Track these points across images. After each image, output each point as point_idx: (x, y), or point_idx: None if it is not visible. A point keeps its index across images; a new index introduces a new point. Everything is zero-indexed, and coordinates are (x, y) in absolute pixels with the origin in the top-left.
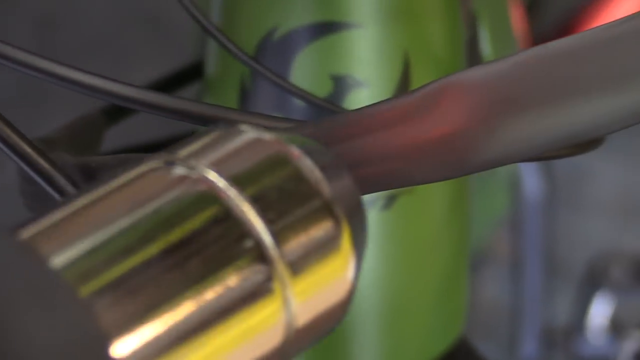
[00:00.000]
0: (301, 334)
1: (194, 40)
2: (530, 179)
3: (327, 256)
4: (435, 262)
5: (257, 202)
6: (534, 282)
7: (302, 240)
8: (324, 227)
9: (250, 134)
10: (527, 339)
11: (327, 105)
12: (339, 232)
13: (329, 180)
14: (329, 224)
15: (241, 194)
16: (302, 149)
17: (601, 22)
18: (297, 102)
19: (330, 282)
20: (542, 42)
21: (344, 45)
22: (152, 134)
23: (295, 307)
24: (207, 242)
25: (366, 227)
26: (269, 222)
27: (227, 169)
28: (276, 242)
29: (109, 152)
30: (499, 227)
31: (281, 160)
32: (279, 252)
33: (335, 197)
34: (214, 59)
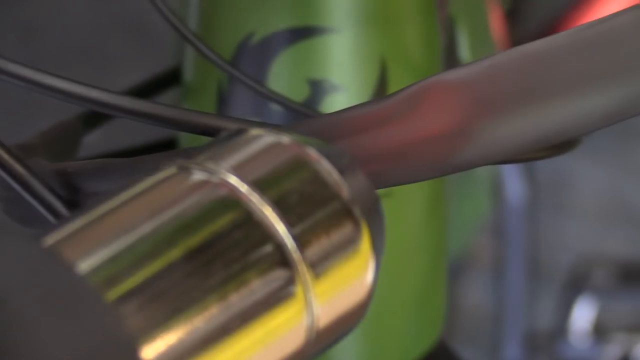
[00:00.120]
0: (322, 336)
1: (175, 46)
2: (512, 183)
3: (348, 257)
4: (413, 266)
5: (278, 206)
6: (517, 286)
7: (323, 242)
8: (344, 229)
9: (268, 138)
10: (510, 343)
11: (303, 109)
12: (358, 233)
13: (347, 182)
14: (349, 225)
15: (262, 198)
16: (320, 152)
17: None
18: (275, 106)
19: (350, 283)
20: None
21: (320, 49)
22: (134, 139)
23: (317, 309)
24: (230, 246)
25: (384, 226)
26: (290, 226)
27: (247, 173)
28: (298, 245)
29: (86, 158)
30: (482, 232)
31: (300, 163)
32: (301, 255)
33: (353, 198)
34: (192, 65)
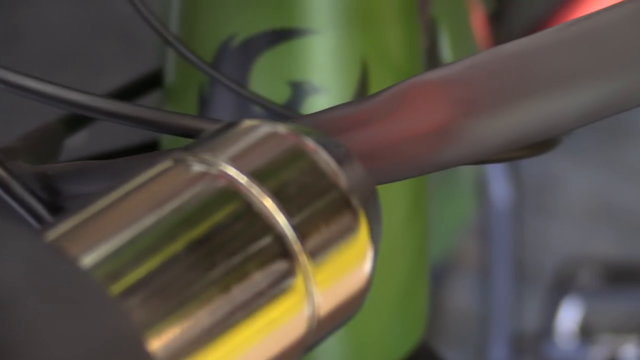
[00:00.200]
0: (323, 324)
1: (159, 49)
2: (497, 185)
3: (347, 247)
4: (395, 267)
5: (277, 196)
6: (503, 288)
7: (323, 232)
8: (342, 218)
9: (265, 128)
10: (496, 345)
11: (285, 111)
12: (357, 222)
13: (345, 171)
14: (348, 215)
15: (261, 189)
16: (317, 142)
17: None
18: (256, 108)
19: (350, 272)
20: None
21: (301, 51)
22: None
23: (317, 298)
24: (231, 238)
25: (381, 215)
26: (290, 216)
27: (245, 164)
28: (298, 235)
29: (67, 161)
30: (467, 234)
31: (297, 153)
32: (301, 245)
33: (351, 188)
34: (173, 67)
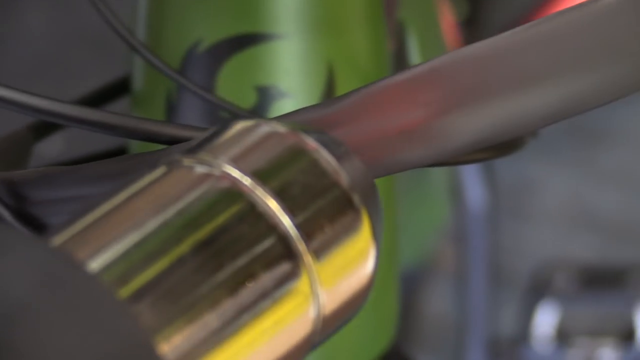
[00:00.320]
0: (328, 323)
1: (129, 55)
2: (472, 189)
3: (350, 245)
4: None
5: (280, 196)
6: (479, 292)
7: (326, 231)
8: (345, 217)
9: (265, 128)
10: (473, 349)
11: (251, 116)
12: (359, 221)
13: (345, 169)
14: (350, 213)
15: (264, 189)
16: (317, 140)
17: None
18: (223, 113)
19: (354, 270)
20: None
21: (267, 56)
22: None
23: (322, 297)
24: (236, 239)
25: (382, 212)
26: (293, 216)
27: (248, 165)
28: (302, 235)
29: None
30: (443, 239)
31: (299, 152)
32: (306, 245)
33: (353, 186)
34: (141, 74)
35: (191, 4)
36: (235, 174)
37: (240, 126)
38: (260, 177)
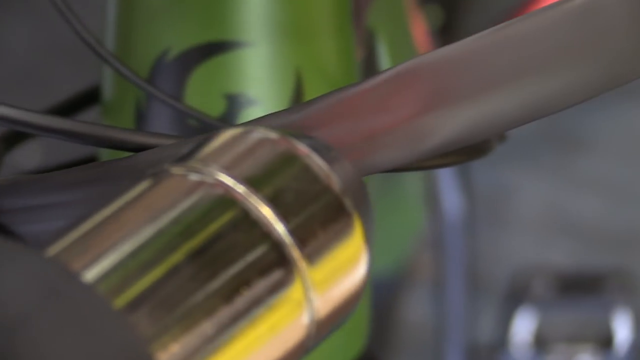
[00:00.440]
0: (322, 327)
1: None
2: (449, 196)
3: (343, 250)
4: None
5: (273, 203)
6: (457, 299)
7: (319, 237)
8: (338, 222)
9: (256, 134)
10: (451, 356)
11: (220, 124)
12: (352, 226)
13: (337, 174)
14: (343, 218)
15: (258, 196)
16: (308, 145)
17: None
18: (192, 122)
19: (347, 275)
20: None
21: (236, 64)
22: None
23: (316, 302)
24: (230, 247)
25: (373, 215)
26: (287, 222)
27: (240, 172)
28: (296, 241)
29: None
30: (420, 246)
31: (290, 158)
32: (300, 251)
33: (345, 191)
34: (110, 83)
35: (159, 13)
36: (228, 181)
37: (230, 133)
38: (253, 184)
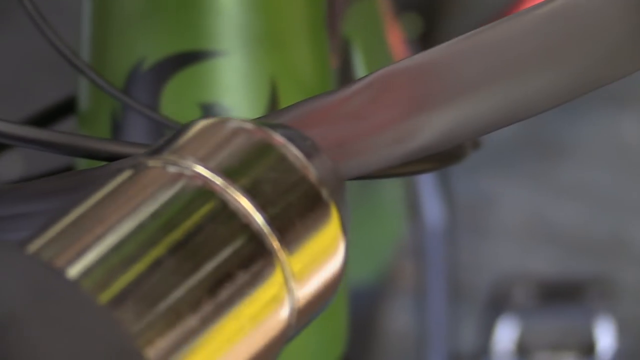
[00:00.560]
0: (302, 315)
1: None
2: (430, 205)
3: (321, 239)
4: None
5: (251, 193)
6: (439, 308)
7: (297, 226)
8: (315, 211)
9: (231, 124)
10: None
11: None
12: (328, 214)
13: (313, 163)
14: (319, 208)
15: (235, 187)
16: (284, 135)
17: None
18: (168, 132)
19: (325, 263)
20: None
21: (210, 73)
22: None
23: (297, 291)
24: (210, 238)
25: (348, 205)
26: (265, 212)
27: (217, 163)
28: (274, 231)
29: None
30: (402, 255)
31: (266, 148)
32: (279, 241)
33: (321, 180)
34: (86, 93)
35: (134, 23)
36: (205, 173)
37: (203, 124)
38: (230, 175)
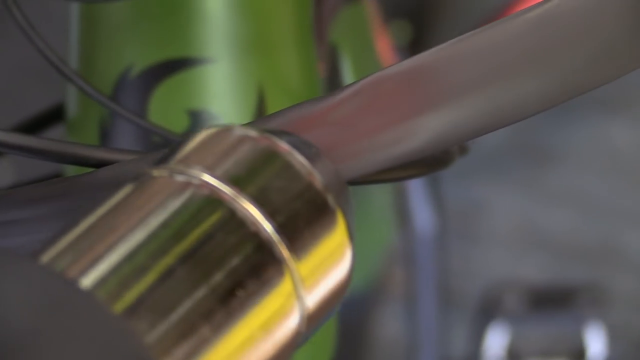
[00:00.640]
0: (311, 322)
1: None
2: (420, 212)
3: (328, 245)
4: None
5: (258, 202)
6: (429, 315)
7: (305, 233)
8: (321, 217)
9: (237, 132)
10: None
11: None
12: (335, 220)
13: (318, 170)
14: (326, 214)
15: (242, 195)
16: (289, 142)
17: None
18: (156, 138)
19: (333, 269)
20: None
21: (198, 80)
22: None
23: (306, 298)
24: (220, 247)
25: (354, 210)
26: (273, 220)
27: (223, 171)
28: (283, 238)
29: None
30: (392, 262)
31: (272, 155)
32: (288, 249)
33: (327, 187)
34: (74, 100)
35: (121, 31)
36: (212, 181)
37: (208, 132)
38: (237, 183)
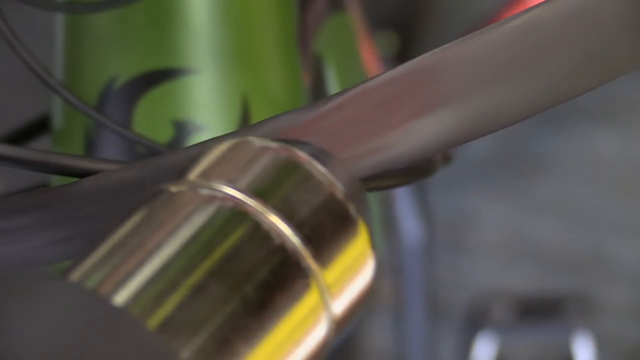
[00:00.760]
0: (338, 330)
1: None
2: (408, 222)
3: (351, 253)
4: None
5: (283, 213)
6: (418, 325)
7: (329, 243)
8: (344, 227)
9: (257, 143)
10: None
11: (169, 151)
12: (357, 229)
13: (339, 180)
14: (348, 223)
15: (267, 207)
16: (307, 152)
17: None
18: (141, 149)
19: (357, 277)
20: None
21: (183, 91)
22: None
23: (333, 307)
24: (248, 260)
25: (372, 217)
26: (299, 232)
27: (247, 183)
28: (309, 249)
29: None
30: (380, 272)
31: (292, 166)
32: (314, 259)
33: (347, 196)
34: (59, 111)
35: (106, 41)
36: (236, 194)
37: (227, 145)
38: (260, 195)
